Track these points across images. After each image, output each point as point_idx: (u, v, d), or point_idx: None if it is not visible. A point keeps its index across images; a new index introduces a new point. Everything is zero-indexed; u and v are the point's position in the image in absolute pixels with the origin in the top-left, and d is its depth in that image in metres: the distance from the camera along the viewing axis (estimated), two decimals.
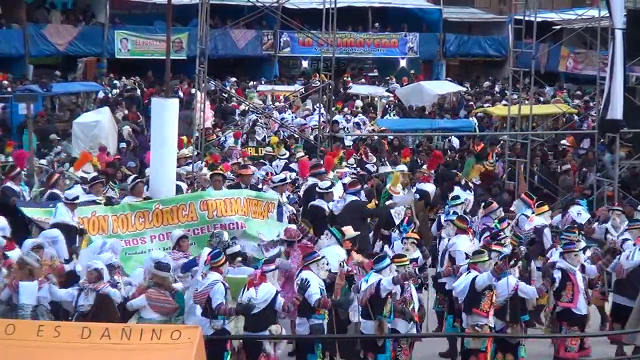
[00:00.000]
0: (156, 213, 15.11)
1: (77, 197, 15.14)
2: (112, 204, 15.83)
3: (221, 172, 18.39)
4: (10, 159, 20.39)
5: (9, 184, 17.05)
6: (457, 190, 19.25)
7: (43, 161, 20.60)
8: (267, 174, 21.64)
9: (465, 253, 14.60)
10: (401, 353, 13.02)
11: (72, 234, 14.47)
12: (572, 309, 14.01)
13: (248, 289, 12.40)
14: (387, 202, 17.45)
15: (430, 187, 19.51)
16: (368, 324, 12.92)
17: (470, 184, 20.62)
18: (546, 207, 16.97)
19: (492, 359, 13.21)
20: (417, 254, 14.39)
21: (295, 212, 17.50)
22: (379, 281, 12.86)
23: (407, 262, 13.34)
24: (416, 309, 13.27)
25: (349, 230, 14.64)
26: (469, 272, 13.45)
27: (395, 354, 13.01)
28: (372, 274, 13.12)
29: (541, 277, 14.66)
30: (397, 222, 16.41)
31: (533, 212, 16.59)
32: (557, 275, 14.02)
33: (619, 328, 14.89)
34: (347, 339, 13.20)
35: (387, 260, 13.18)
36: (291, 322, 13.38)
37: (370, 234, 17.07)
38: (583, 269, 14.40)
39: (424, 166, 21.17)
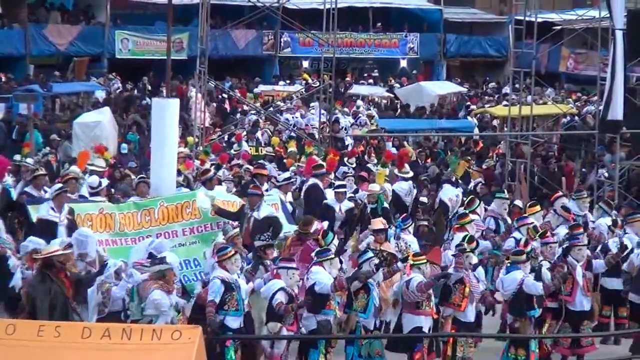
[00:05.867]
0: (161, 210, 15.05)
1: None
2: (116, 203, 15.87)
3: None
4: (29, 160, 20.28)
5: (28, 188, 16.81)
6: (447, 187, 19.19)
7: (29, 160, 20.40)
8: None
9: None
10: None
11: (53, 230, 14.26)
12: (569, 304, 13.99)
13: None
14: None
15: (400, 187, 18.99)
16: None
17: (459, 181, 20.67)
18: (538, 207, 16.82)
19: (505, 354, 13.22)
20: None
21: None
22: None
23: (425, 261, 13.14)
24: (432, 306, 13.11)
25: (377, 223, 14.62)
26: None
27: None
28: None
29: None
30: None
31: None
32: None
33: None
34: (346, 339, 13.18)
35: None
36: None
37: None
38: (589, 265, 14.36)
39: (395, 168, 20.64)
